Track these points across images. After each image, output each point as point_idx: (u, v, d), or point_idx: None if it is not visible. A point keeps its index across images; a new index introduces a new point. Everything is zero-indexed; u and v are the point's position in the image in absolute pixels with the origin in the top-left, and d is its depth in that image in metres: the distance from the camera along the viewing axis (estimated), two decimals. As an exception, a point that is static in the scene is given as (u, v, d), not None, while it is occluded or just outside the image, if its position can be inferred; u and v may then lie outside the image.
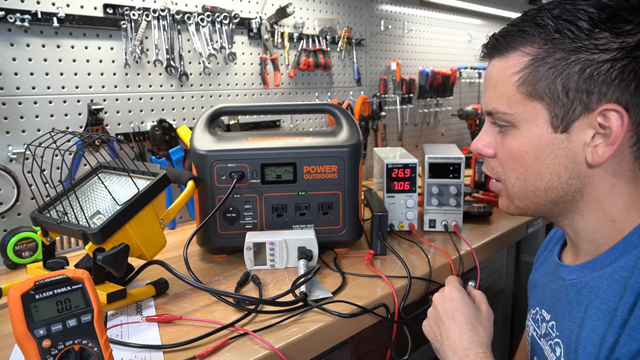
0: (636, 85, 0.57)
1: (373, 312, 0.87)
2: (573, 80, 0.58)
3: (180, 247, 1.16)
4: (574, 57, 0.58)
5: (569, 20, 0.58)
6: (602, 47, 0.57)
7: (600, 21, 0.57)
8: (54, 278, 0.56)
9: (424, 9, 2.16)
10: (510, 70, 0.63)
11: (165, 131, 1.32)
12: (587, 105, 0.58)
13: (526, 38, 0.61)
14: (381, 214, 1.09)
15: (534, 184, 0.65)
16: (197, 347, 0.73)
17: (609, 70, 0.57)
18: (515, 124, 0.64)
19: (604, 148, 0.59)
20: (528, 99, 0.62)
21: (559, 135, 0.61)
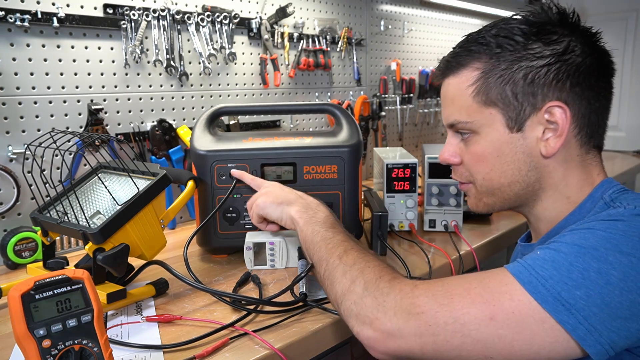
0: (570, 83, 0.66)
1: None
2: (519, 86, 0.68)
3: (180, 247, 1.16)
4: (516, 66, 0.67)
5: (507, 36, 0.68)
6: (538, 54, 0.67)
7: (532, 34, 0.67)
8: (54, 278, 0.56)
9: (424, 9, 2.16)
10: (465, 85, 0.71)
11: (165, 131, 1.32)
12: (534, 105, 0.68)
13: (473, 56, 0.71)
14: (381, 214, 1.09)
15: (498, 180, 0.73)
16: (197, 347, 0.73)
17: (546, 74, 0.66)
18: (476, 130, 0.72)
19: (554, 140, 0.68)
20: (484, 107, 0.70)
21: (515, 134, 0.69)
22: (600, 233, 0.56)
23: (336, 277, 0.70)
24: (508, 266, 0.59)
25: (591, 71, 0.67)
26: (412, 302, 0.60)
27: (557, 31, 0.68)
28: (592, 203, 0.69)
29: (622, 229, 0.56)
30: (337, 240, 0.77)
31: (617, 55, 0.72)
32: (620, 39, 2.63)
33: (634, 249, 0.54)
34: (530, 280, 0.55)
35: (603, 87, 0.70)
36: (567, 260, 0.55)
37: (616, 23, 2.64)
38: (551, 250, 0.57)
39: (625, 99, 2.66)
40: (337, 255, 0.73)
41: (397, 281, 0.64)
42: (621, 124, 2.69)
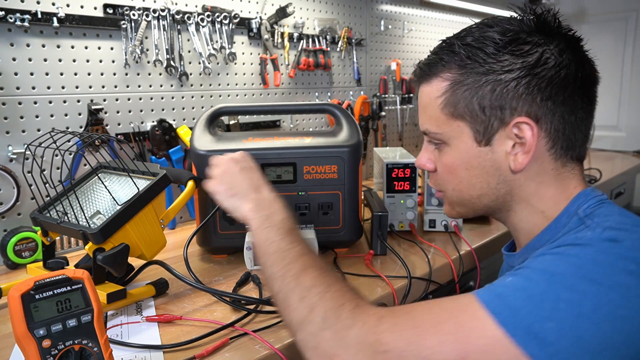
0: (541, 97, 0.64)
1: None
2: (487, 99, 0.65)
3: (180, 247, 1.16)
4: (484, 79, 0.65)
5: (477, 47, 0.66)
6: (507, 68, 0.64)
7: (503, 46, 0.65)
8: (54, 278, 0.56)
9: (424, 9, 2.16)
10: (434, 95, 0.70)
11: (165, 131, 1.32)
12: (502, 120, 0.66)
13: (444, 65, 0.69)
14: (381, 214, 1.09)
15: (468, 192, 0.72)
16: (197, 347, 0.73)
17: (515, 87, 0.64)
18: (446, 141, 0.71)
19: (522, 156, 0.66)
20: (452, 119, 0.69)
21: (483, 148, 0.68)
22: (571, 259, 0.54)
23: (292, 302, 0.61)
24: (479, 294, 0.55)
25: (565, 84, 0.64)
26: (377, 339, 0.54)
27: (531, 41, 0.65)
28: (567, 217, 0.66)
29: (591, 256, 0.54)
30: (294, 253, 0.67)
31: (617, 55, 0.70)
32: (620, 39, 2.63)
33: (604, 276, 0.51)
34: (501, 310, 0.52)
35: (580, 99, 0.66)
36: (538, 288, 0.52)
37: (616, 23, 2.64)
38: (522, 278, 0.54)
39: (625, 99, 2.66)
40: (293, 275, 0.64)
41: (360, 311, 0.57)
42: (621, 124, 2.69)
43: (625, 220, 0.59)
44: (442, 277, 1.05)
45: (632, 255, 0.53)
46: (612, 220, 0.59)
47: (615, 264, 0.52)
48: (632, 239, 0.55)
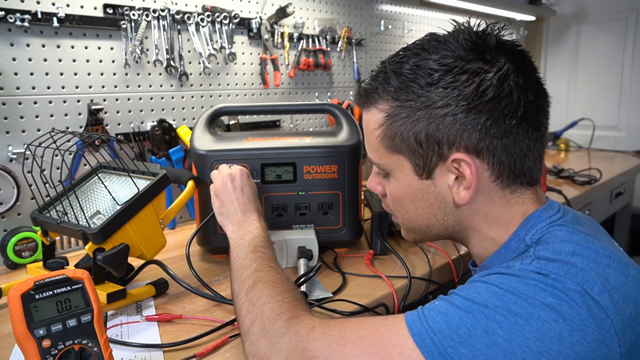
0: (480, 131, 0.61)
1: (373, 311, 0.87)
2: (423, 134, 0.63)
3: (180, 247, 1.16)
4: (419, 114, 0.63)
5: (411, 79, 0.62)
6: (442, 102, 0.61)
7: (437, 78, 0.61)
8: (54, 278, 0.56)
9: (424, 9, 2.16)
10: (372, 126, 0.68)
11: (165, 131, 1.32)
12: (440, 155, 0.63)
13: (379, 95, 0.66)
14: (381, 213, 1.09)
15: (416, 222, 0.71)
16: (197, 346, 0.73)
17: (452, 122, 0.61)
18: (389, 172, 0.70)
19: (464, 191, 0.64)
20: (391, 152, 0.67)
21: (425, 181, 0.66)
22: (493, 289, 0.54)
23: (241, 316, 0.67)
24: (408, 314, 0.56)
25: (507, 115, 0.61)
26: (306, 346, 0.57)
27: (469, 69, 0.60)
28: (517, 242, 0.65)
29: (514, 286, 0.53)
30: (251, 270, 0.72)
31: (617, 55, 0.67)
32: (620, 39, 2.63)
33: (521, 308, 0.51)
34: (420, 332, 0.53)
35: (525, 128, 0.62)
36: (458, 315, 0.53)
37: (616, 23, 2.64)
38: (447, 303, 0.55)
39: (625, 99, 2.66)
40: (245, 290, 0.69)
41: (295, 321, 0.61)
42: (621, 124, 2.69)
43: (564, 248, 0.57)
44: (442, 277, 1.05)
45: (552, 289, 0.52)
46: (551, 248, 0.58)
47: (535, 296, 0.52)
48: (558, 272, 0.54)
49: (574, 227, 0.62)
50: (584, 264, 0.55)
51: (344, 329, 0.58)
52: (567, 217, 0.65)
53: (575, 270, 0.54)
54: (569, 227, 0.62)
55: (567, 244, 0.58)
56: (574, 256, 0.56)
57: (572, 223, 0.63)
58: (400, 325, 0.55)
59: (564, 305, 0.51)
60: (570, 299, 0.51)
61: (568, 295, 0.52)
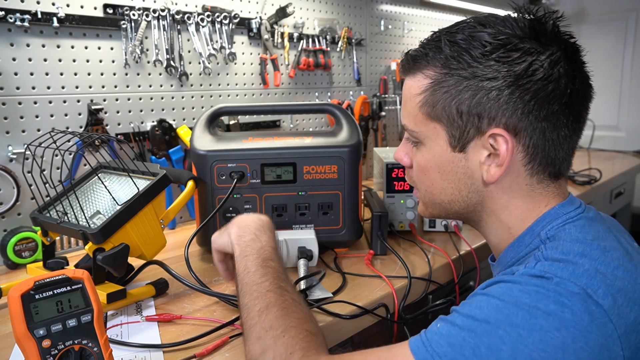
0: (522, 110, 0.61)
1: (373, 313, 0.87)
2: (465, 105, 0.63)
3: (180, 247, 1.16)
4: (466, 83, 0.62)
5: (464, 48, 0.62)
6: (491, 75, 0.61)
7: (490, 50, 0.61)
8: (54, 278, 0.56)
9: (424, 9, 2.16)
10: (415, 92, 0.68)
11: (165, 131, 1.32)
12: (478, 129, 0.63)
13: (428, 61, 0.66)
14: (381, 214, 1.09)
15: (438, 196, 0.71)
16: (196, 347, 0.73)
17: (496, 97, 0.61)
18: (422, 141, 0.69)
19: (495, 169, 0.64)
20: (429, 120, 0.67)
21: (457, 154, 0.66)
22: (494, 302, 0.53)
23: (251, 338, 0.64)
24: (412, 341, 0.56)
25: (551, 99, 0.61)
26: None
27: (522, 47, 0.61)
28: (531, 237, 0.65)
29: (515, 297, 0.53)
30: (263, 289, 0.68)
31: (617, 55, 0.68)
32: (620, 39, 2.63)
33: (523, 320, 0.51)
34: (426, 357, 0.53)
35: (566, 116, 0.62)
36: (460, 335, 0.52)
37: (616, 23, 2.64)
38: (448, 324, 0.55)
39: (625, 99, 2.66)
40: (257, 311, 0.66)
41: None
42: (621, 124, 2.69)
43: (573, 248, 0.57)
44: (442, 277, 1.05)
45: (555, 294, 0.52)
46: (561, 247, 0.58)
47: (537, 304, 0.52)
48: (562, 274, 0.54)
49: (591, 223, 0.62)
50: (591, 265, 0.55)
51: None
52: (588, 212, 0.65)
53: (581, 271, 0.54)
54: (585, 222, 0.62)
55: (578, 244, 0.58)
56: (582, 257, 0.56)
57: (591, 219, 0.63)
58: (405, 355, 0.55)
59: (566, 312, 0.51)
60: (573, 305, 0.51)
61: (570, 300, 0.51)
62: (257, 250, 0.75)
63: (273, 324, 0.64)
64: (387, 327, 0.92)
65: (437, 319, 0.57)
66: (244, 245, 0.76)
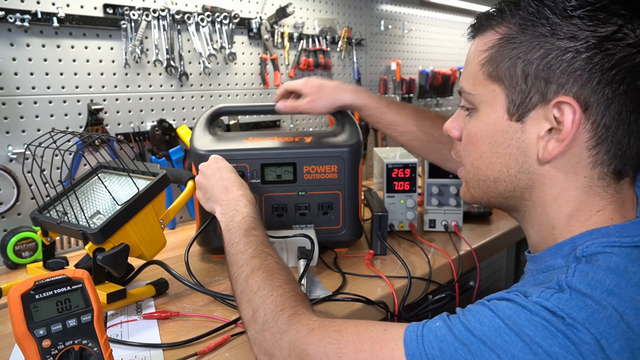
0: (599, 80, 0.52)
1: (375, 303, 0.87)
2: (533, 66, 0.55)
3: (180, 247, 1.16)
4: (539, 40, 0.55)
5: (546, 4, 0.55)
6: (571, 33, 0.53)
7: (576, 6, 0.53)
8: (54, 278, 0.56)
9: (424, 9, 2.16)
10: (481, 48, 0.61)
11: (165, 131, 1.32)
12: (544, 95, 0.55)
13: (503, 17, 0.59)
14: (381, 214, 1.09)
15: (484, 172, 0.63)
16: (197, 346, 0.73)
17: (572, 59, 0.53)
18: (477, 106, 0.62)
19: (554, 144, 0.55)
20: (489, 80, 0.60)
21: (513, 123, 0.58)
22: (497, 322, 0.49)
23: (242, 303, 0.68)
24: (408, 329, 0.54)
25: (638, 72, 0.52)
26: (304, 349, 0.59)
27: (611, 9, 0.52)
28: (570, 248, 0.57)
29: (520, 325, 0.48)
30: (247, 256, 0.72)
31: None
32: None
33: (521, 352, 0.47)
34: (414, 354, 0.51)
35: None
36: (454, 345, 0.50)
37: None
38: (446, 328, 0.52)
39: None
40: (244, 277, 0.69)
41: (296, 319, 0.61)
42: (621, 124, 2.69)
43: (605, 281, 0.50)
44: (442, 277, 1.05)
45: (563, 337, 0.46)
46: (591, 276, 0.50)
47: (541, 342, 0.47)
48: (578, 316, 0.47)
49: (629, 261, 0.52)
50: (617, 309, 0.48)
51: (341, 336, 0.57)
52: None
53: (601, 315, 0.47)
54: (625, 257, 0.52)
55: (612, 276, 0.50)
56: (611, 296, 0.48)
57: None
58: (397, 345, 0.53)
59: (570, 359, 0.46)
60: (580, 354, 0.46)
61: (578, 349, 0.46)
62: (239, 222, 0.79)
63: (260, 285, 0.67)
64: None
65: (439, 316, 0.55)
66: (227, 220, 0.80)
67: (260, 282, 0.67)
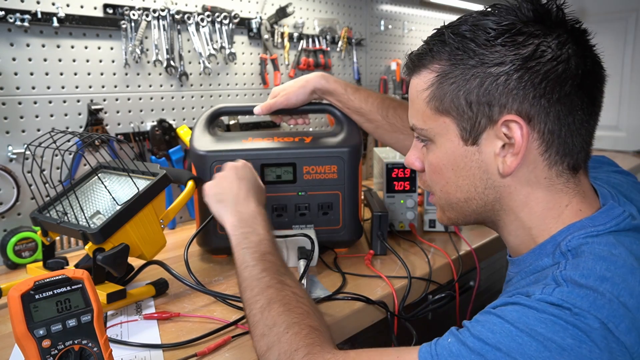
0: (534, 94, 0.58)
1: (375, 303, 0.87)
2: (474, 94, 0.60)
3: (180, 247, 1.16)
4: (472, 72, 0.60)
5: (469, 37, 0.61)
6: (498, 60, 0.59)
7: (495, 36, 0.59)
8: (54, 278, 0.56)
9: (424, 9, 2.16)
10: (421, 87, 0.65)
11: (165, 131, 1.32)
12: (490, 117, 0.60)
13: (433, 56, 0.64)
14: (381, 214, 1.09)
15: (455, 195, 0.67)
16: (197, 346, 0.73)
17: (505, 82, 0.59)
18: (432, 139, 0.67)
19: (511, 158, 0.61)
20: (438, 114, 0.64)
21: (470, 147, 0.63)
22: (508, 328, 0.50)
23: (255, 335, 0.65)
24: (422, 350, 0.54)
25: (562, 80, 0.58)
26: None
27: (526, 31, 0.59)
28: (553, 246, 0.61)
29: (530, 325, 0.50)
30: (263, 284, 0.69)
31: (617, 55, 0.66)
32: (620, 39, 2.63)
33: (536, 352, 0.48)
34: None
35: (580, 98, 0.59)
36: (469, 357, 0.50)
37: (616, 23, 2.64)
38: (459, 342, 0.53)
39: (625, 99, 2.66)
40: (259, 308, 0.66)
41: (310, 358, 0.60)
42: (621, 124, 2.69)
43: (595, 269, 0.53)
44: (442, 277, 1.05)
45: (573, 327, 0.48)
46: (582, 266, 0.54)
47: (553, 337, 0.48)
48: (582, 304, 0.50)
49: (627, 235, 0.58)
50: (613, 293, 0.51)
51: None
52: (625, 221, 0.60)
53: (602, 301, 0.50)
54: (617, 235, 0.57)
55: (601, 263, 0.53)
56: (604, 282, 0.51)
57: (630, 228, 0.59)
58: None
59: (583, 349, 0.47)
60: (592, 341, 0.48)
61: (589, 336, 0.48)
62: (256, 243, 0.75)
63: (276, 321, 0.64)
64: (387, 327, 0.92)
65: (449, 332, 0.55)
66: (241, 237, 0.76)
67: (277, 317, 0.64)
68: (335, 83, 1.07)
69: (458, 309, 1.06)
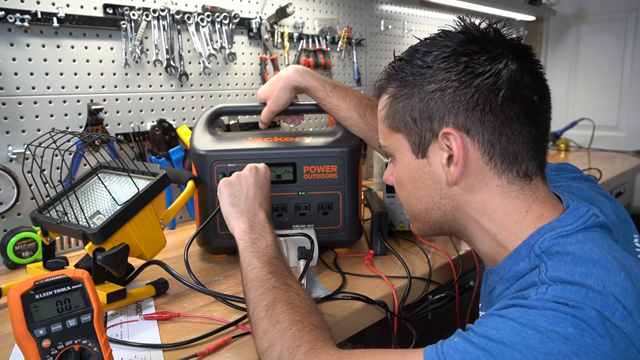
0: (466, 108, 0.63)
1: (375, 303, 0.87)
2: (417, 111, 0.66)
3: (180, 247, 1.16)
4: (415, 91, 0.66)
5: (413, 62, 0.67)
6: (432, 78, 0.65)
7: (432, 59, 0.65)
8: (54, 278, 0.56)
9: (424, 9, 2.16)
10: (379, 108, 0.73)
11: (165, 131, 1.32)
12: (432, 131, 0.65)
13: (388, 81, 0.71)
14: (381, 213, 1.09)
15: (416, 207, 0.72)
16: (197, 346, 0.73)
17: (441, 97, 0.64)
18: (393, 154, 0.72)
19: (454, 168, 0.64)
20: (392, 131, 0.71)
21: (421, 160, 0.68)
22: (511, 324, 0.52)
23: (258, 332, 0.67)
24: (427, 351, 0.55)
25: (493, 92, 0.62)
26: None
27: (460, 51, 0.64)
28: (527, 250, 0.63)
29: (533, 320, 0.51)
30: (269, 285, 0.72)
31: (617, 55, 0.67)
32: (620, 39, 2.63)
33: (540, 343, 0.50)
34: None
35: (514, 109, 0.62)
36: (475, 353, 0.52)
37: (616, 23, 2.64)
38: (464, 340, 0.54)
39: (625, 99, 2.66)
40: (264, 306, 0.69)
41: (313, 355, 0.61)
42: (621, 124, 2.69)
43: (576, 269, 0.55)
44: (442, 277, 1.05)
45: (573, 318, 0.50)
46: (563, 268, 0.56)
47: (555, 328, 0.50)
48: (577, 298, 0.52)
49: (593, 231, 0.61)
50: (600, 286, 0.53)
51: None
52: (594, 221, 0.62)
53: (594, 294, 0.52)
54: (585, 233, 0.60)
55: (579, 265, 0.56)
56: (588, 277, 0.54)
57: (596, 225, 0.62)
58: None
59: (586, 337, 0.49)
60: (592, 329, 0.50)
61: (590, 325, 0.50)
62: (263, 248, 0.79)
63: (280, 318, 0.66)
64: (387, 327, 0.92)
65: (455, 333, 0.56)
66: (249, 242, 0.80)
67: (280, 315, 0.67)
68: (313, 79, 1.08)
69: (458, 309, 1.06)
